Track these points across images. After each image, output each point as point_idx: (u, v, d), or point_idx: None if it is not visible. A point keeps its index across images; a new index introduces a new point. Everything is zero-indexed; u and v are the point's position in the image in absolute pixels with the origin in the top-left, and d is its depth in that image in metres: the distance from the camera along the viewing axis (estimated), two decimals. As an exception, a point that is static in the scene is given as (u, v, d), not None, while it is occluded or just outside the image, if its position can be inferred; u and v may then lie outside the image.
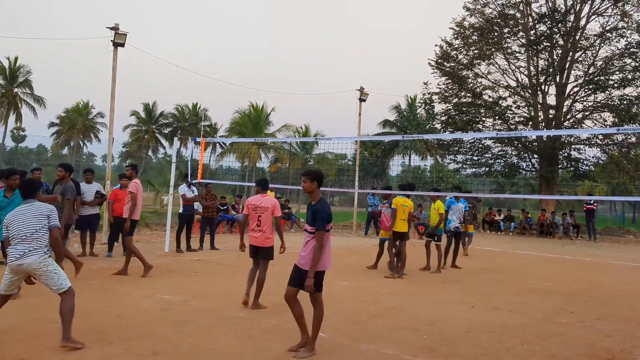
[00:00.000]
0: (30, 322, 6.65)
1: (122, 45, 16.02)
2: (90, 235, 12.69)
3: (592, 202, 25.24)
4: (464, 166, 31.98)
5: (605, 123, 28.97)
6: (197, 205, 15.37)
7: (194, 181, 14.51)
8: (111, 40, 15.93)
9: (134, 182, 10.90)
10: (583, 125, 29.54)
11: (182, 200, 14.37)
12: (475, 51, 29.76)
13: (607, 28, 28.08)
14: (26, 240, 5.63)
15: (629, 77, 27.91)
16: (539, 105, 29.36)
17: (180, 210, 14.45)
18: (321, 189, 6.26)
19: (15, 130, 73.54)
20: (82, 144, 67.25)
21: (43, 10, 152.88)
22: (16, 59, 53.72)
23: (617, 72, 28.44)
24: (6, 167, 13.91)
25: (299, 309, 6.08)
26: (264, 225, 8.09)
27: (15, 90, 54.51)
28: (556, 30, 28.56)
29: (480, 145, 31.17)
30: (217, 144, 56.13)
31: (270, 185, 23.34)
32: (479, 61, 30.23)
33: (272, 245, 8.14)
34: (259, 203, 8.18)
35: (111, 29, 15.91)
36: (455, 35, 30.20)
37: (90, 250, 12.65)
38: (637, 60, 27.72)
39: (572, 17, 28.63)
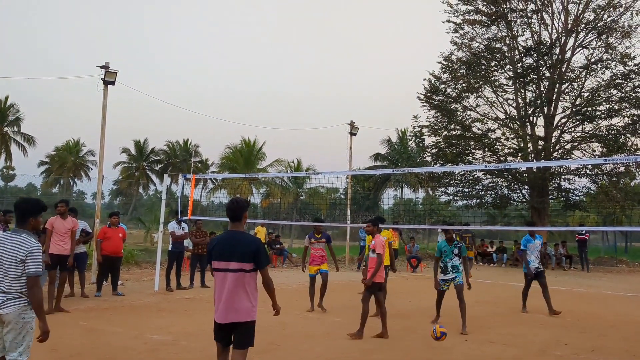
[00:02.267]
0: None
1: (113, 83, 16.06)
2: (79, 275, 12.53)
3: (584, 232, 25.27)
4: (455, 198, 32.00)
5: (594, 153, 29.18)
6: (187, 243, 15.27)
7: (184, 218, 14.43)
8: (101, 79, 15.98)
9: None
10: (572, 155, 29.70)
11: (171, 237, 14.27)
12: (464, 84, 30.05)
13: (592, 60, 28.46)
14: (6, 292, 4.54)
15: (615, 107, 28.18)
16: (527, 137, 29.57)
17: (170, 248, 14.31)
18: (312, 224, 6.60)
19: (4, 170, 73.25)
20: (72, 182, 66.99)
21: (33, 48, 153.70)
22: (6, 98, 53.89)
23: (603, 103, 28.72)
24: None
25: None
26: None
27: (5, 129, 54.47)
28: (542, 62, 28.93)
29: (471, 177, 31.25)
30: (209, 180, 56.06)
31: (262, 221, 23.17)
32: (467, 94, 30.48)
33: None
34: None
35: (101, 67, 15.97)
36: (444, 69, 30.51)
37: (81, 291, 12.45)
38: (623, 91, 28.06)
39: (557, 50, 29.04)
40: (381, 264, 8.87)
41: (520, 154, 29.17)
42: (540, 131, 29.97)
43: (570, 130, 30.08)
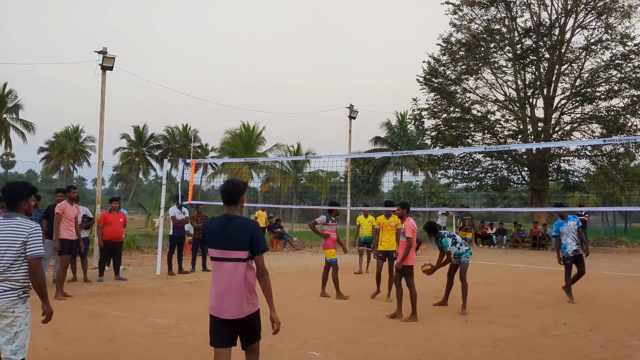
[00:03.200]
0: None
1: (111, 68, 16.04)
2: (81, 260, 12.60)
3: (584, 213, 25.35)
4: (455, 181, 32.08)
5: (594, 134, 29.20)
6: (188, 227, 15.33)
7: (184, 203, 14.48)
8: (99, 64, 15.94)
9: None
10: (571, 137, 29.72)
11: (172, 222, 14.33)
12: (463, 66, 29.98)
13: (592, 41, 28.38)
14: None
15: (615, 88, 28.17)
16: (527, 119, 29.56)
17: (171, 233, 14.39)
18: (313, 207, 6.30)
19: (4, 156, 73.23)
20: (72, 169, 67.01)
21: (31, 34, 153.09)
22: (5, 84, 53.68)
23: (603, 84, 28.69)
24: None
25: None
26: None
27: (4, 116, 54.35)
28: (542, 43, 28.83)
29: (471, 160, 31.29)
30: (209, 165, 56.08)
31: (263, 205, 23.20)
32: (466, 76, 30.44)
33: None
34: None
35: (99, 52, 15.93)
36: (443, 51, 30.42)
37: (84, 276, 12.53)
38: (623, 71, 28.00)
39: (557, 31, 28.94)
40: (410, 248, 8.88)
41: (519, 136, 29.16)
42: (539, 113, 29.97)
43: (569, 111, 30.07)
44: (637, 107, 27.70)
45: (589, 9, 28.38)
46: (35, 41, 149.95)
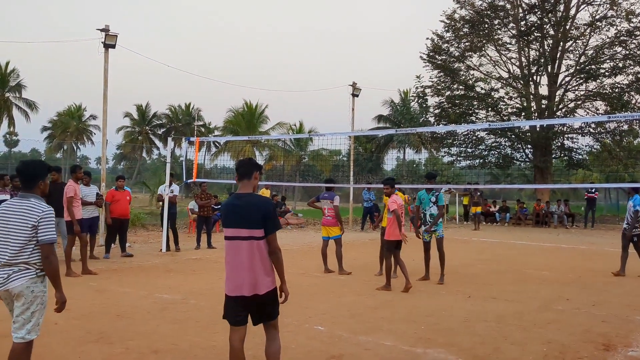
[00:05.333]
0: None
1: (113, 46, 15.98)
2: (90, 238, 12.68)
3: (593, 190, 25.47)
4: (459, 158, 32.04)
5: (598, 111, 29.10)
6: (192, 205, 15.41)
7: (189, 180, 14.54)
8: (102, 42, 15.88)
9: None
10: (575, 114, 29.63)
11: (157, 199, 14.37)
12: (467, 43, 29.79)
13: (597, 17, 28.09)
14: (11, 264, 4.14)
15: (620, 65, 27.98)
16: (531, 96, 29.45)
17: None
18: (317, 184, 6.37)
19: (7, 135, 73.29)
20: (75, 147, 67.08)
21: (32, 13, 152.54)
22: (7, 63, 53.47)
23: (607, 61, 28.48)
24: (0, 172, 13.90)
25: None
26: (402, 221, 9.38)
27: (7, 94, 54.26)
28: (546, 20, 28.61)
29: (474, 137, 31.23)
30: (212, 144, 56.11)
31: (266, 183, 23.31)
32: (470, 53, 30.26)
33: None
34: (400, 201, 9.43)
35: (101, 30, 15.87)
36: (446, 28, 30.19)
37: (90, 253, 12.61)
38: (627, 48, 27.80)
39: (562, 7, 28.69)
40: (395, 223, 9.23)
41: (523, 113, 29.08)
42: (543, 90, 29.87)
43: (573, 88, 29.94)
44: (641, 84, 27.56)
45: (594, -16, 28.11)
46: (38, 19, 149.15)
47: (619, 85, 28.08)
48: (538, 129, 28.76)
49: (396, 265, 9.74)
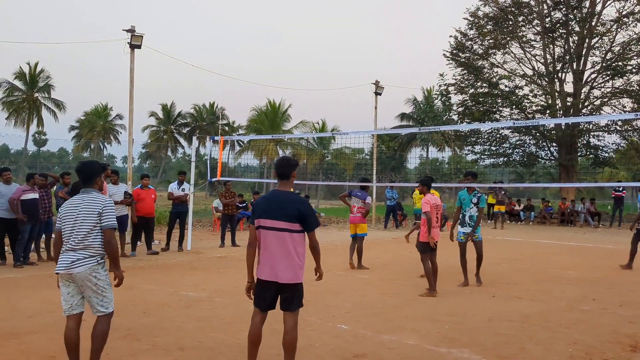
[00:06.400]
0: (59, 321, 6.78)
1: (139, 47, 16.17)
2: (120, 237, 12.87)
3: (620, 189, 25.14)
4: (482, 157, 31.80)
5: (624, 109, 28.66)
6: (217, 203, 15.52)
7: (214, 179, 14.65)
8: (128, 42, 16.09)
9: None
10: (601, 111, 29.23)
11: (169, 198, 14.36)
12: (490, 41, 29.53)
13: (624, 13, 27.68)
14: (75, 249, 4.73)
15: (647, 61, 27.56)
16: (556, 93, 29.11)
17: (171, 209, 14.48)
18: (339, 183, 6.46)
19: (37, 135, 74.57)
20: (102, 146, 67.98)
21: (61, 14, 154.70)
22: (36, 64, 54.31)
23: (634, 57, 28.05)
24: (29, 172, 14.20)
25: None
26: (439, 221, 9.18)
27: (36, 95, 55.13)
28: (572, 16, 28.25)
29: (498, 135, 30.98)
30: (236, 142, 56.38)
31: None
32: (494, 51, 30.00)
33: None
34: (438, 202, 9.21)
35: (127, 31, 16.07)
36: (470, 26, 29.98)
37: (120, 251, 12.80)
38: (655, 44, 27.34)
39: (587, 3, 28.29)
40: (428, 224, 8.85)
41: (548, 111, 28.76)
42: (569, 87, 29.49)
43: (600, 85, 29.52)
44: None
45: (621, -21, 27.67)
46: (65, 21, 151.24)
47: (646, 82, 27.62)
48: (563, 127, 28.44)
49: (426, 267, 9.07)
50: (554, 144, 30.15)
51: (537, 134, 29.91)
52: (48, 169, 51.03)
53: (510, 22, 29.34)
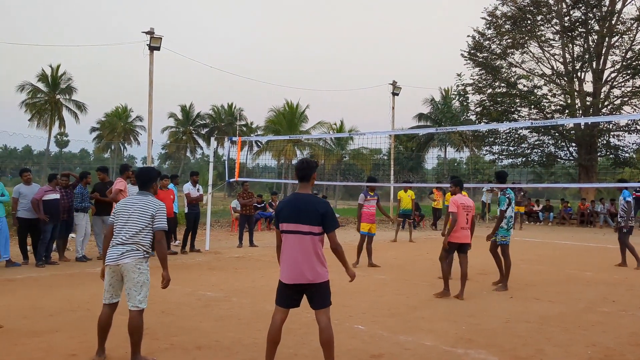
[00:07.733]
0: (80, 319, 6.90)
1: (158, 48, 16.35)
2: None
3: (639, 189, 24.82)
4: (500, 157, 31.63)
5: (645, 108, 28.35)
6: (235, 204, 15.59)
7: (231, 180, 14.72)
8: (147, 44, 16.26)
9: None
10: (622, 111, 28.92)
11: (186, 199, 14.21)
12: (509, 40, 29.37)
13: (645, 11, 27.40)
14: (124, 243, 5.19)
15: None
16: (575, 93, 28.85)
17: (186, 210, 14.28)
18: (357, 183, 6.47)
19: (58, 136, 75.41)
20: (122, 147, 68.62)
21: (81, 16, 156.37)
22: (58, 66, 54.97)
23: (656, 56, 27.75)
24: (51, 172, 14.37)
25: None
26: (469, 223, 8.83)
27: (58, 96, 55.79)
28: (591, 15, 28.00)
29: (516, 136, 30.80)
30: (254, 143, 56.59)
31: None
32: (512, 50, 29.84)
33: None
34: (468, 203, 8.92)
35: (147, 33, 16.24)
36: (488, 25, 29.86)
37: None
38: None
39: (607, 1, 28.02)
40: (454, 224, 8.58)
41: (567, 111, 28.52)
42: (588, 87, 29.23)
43: (620, 85, 29.22)
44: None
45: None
46: (87, 24, 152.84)
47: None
48: (583, 127, 28.18)
49: (444, 267, 8.93)
50: (574, 144, 29.90)
51: (556, 134, 29.68)
52: (70, 170, 51.57)
53: (529, 22, 29.16)
